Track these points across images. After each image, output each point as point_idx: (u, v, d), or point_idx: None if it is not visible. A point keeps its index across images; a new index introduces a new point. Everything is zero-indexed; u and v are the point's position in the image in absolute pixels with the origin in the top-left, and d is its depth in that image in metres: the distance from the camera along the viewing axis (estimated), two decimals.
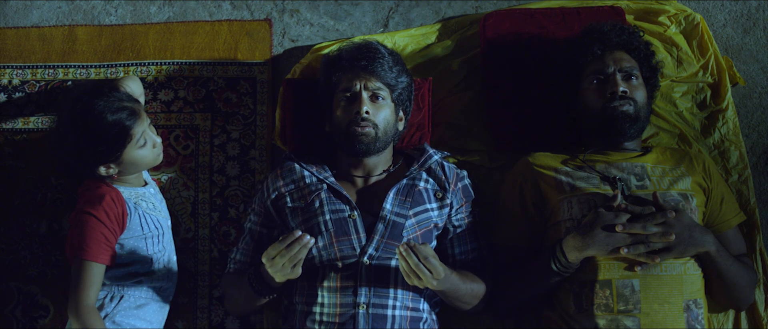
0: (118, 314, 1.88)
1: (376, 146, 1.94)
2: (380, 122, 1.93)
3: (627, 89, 1.93)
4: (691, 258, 1.80)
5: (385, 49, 1.99)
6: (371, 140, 1.92)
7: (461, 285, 1.83)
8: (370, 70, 1.94)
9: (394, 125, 2.00)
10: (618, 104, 1.92)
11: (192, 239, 2.18)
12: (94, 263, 1.83)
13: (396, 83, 1.97)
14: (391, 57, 1.98)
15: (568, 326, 1.82)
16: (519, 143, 2.16)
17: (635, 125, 1.94)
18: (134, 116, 1.89)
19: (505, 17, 2.24)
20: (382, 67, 1.94)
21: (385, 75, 1.95)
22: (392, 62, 1.97)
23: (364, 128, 1.91)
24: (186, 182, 2.21)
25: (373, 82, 1.94)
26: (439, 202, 1.95)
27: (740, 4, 2.31)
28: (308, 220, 1.90)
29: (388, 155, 2.04)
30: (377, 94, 1.94)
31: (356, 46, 1.99)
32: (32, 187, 2.22)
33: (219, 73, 2.28)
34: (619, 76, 1.94)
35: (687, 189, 1.89)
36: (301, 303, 1.88)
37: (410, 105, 2.07)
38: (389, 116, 1.96)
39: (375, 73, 1.94)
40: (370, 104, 1.93)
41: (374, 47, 1.97)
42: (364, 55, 1.95)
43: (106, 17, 2.36)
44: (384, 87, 1.95)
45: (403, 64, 2.03)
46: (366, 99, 1.92)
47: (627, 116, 1.92)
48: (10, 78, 2.30)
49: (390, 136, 1.98)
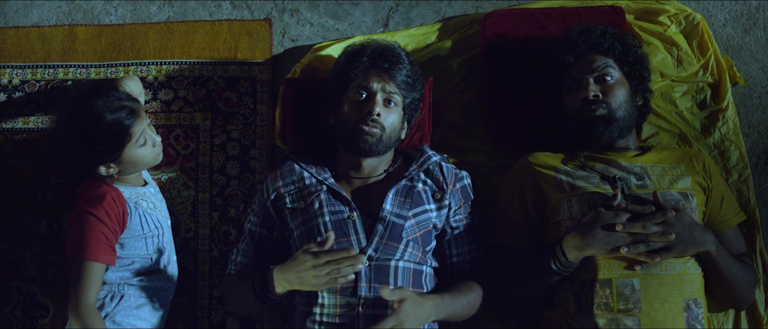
0: (118, 313, 1.88)
1: (378, 147, 1.95)
2: (387, 126, 1.94)
3: (600, 92, 1.96)
4: (691, 258, 1.80)
5: (408, 58, 2.01)
6: (375, 141, 1.93)
7: (457, 304, 1.85)
8: (390, 73, 1.95)
9: (399, 131, 2.01)
10: (591, 108, 1.95)
11: (192, 238, 2.18)
12: (94, 262, 1.83)
13: (410, 92, 1.99)
14: (412, 67, 2.00)
15: (568, 325, 1.82)
16: (519, 143, 2.16)
17: (611, 126, 1.95)
18: (133, 115, 1.89)
19: (505, 17, 2.24)
20: (402, 74, 1.96)
21: (403, 82, 1.96)
22: (411, 71, 1.99)
23: (372, 128, 1.92)
24: (186, 181, 2.21)
25: (390, 85, 1.95)
26: (437, 203, 1.95)
27: (740, 3, 2.31)
28: (307, 221, 1.90)
29: (388, 158, 2.04)
30: (391, 98, 1.95)
31: (381, 47, 1.99)
32: (32, 187, 2.22)
33: (219, 73, 2.28)
34: (591, 80, 1.97)
35: (687, 188, 1.89)
36: (301, 303, 1.87)
37: (416, 114, 2.08)
38: (396, 122, 1.97)
39: (394, 78, 1.95)
40: (383, 107, 1.94)
41: (398, 53, 1.99)
42: (388, 58, 1.96)
43: (106, 17, 2.36)
44: (398, 93, 1.96)
45: (420, 75, 2.04)
46: (380, 101, 1.93)
47: (600, 119, 1.94)
48: (10, 78, 2.30)
49: (393, 141, 1.98)
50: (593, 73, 1.98)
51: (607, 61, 2.00)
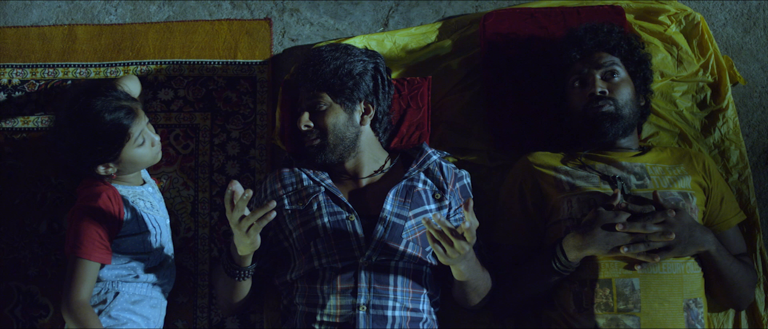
0: (113, 309, 1.88)
1: (332, 153, 1.95)
2: (328, 128, 1.94)
3: (606, 88, 1.95)
4: (691, 258, 1.80)
5: (330, 53, 1.96)
6: (319, 149, 1.95)
7: (479, 269, 1.82)
8: (311, 80, 1.95)
9: (348, 126, 1.97)
10: (598, 104, 1.94)
11: (192, 238, 2.18)
12: (88, 261, 1.83)
13: (337, 84, 1.94)
14: (334, 56, 1.95)
15: (569, 325, 1.82)
16: (519, 142, 2.16)
17: (617, 123, 1.94)
18: (132, 114, 1.89)
19: (504, 17, 2.24)
20: (318, 74, 1.94)
21: (323, 82, 1.94)
22: (334, 63, 1.94)
23: (312, 141, 1.94)
24: (186, 181, 2.21)
25: (313, 93, 1.95)
26: (438, 203, 1.94)
27: (740, 3, 2.30)
28: (306, 223, 1.90)
29: (371, 154, 2.02)
30: (315, 103, 1.95)
31: (305, 59, 2.00)
32: (32, 187, 2.22)
33: (219, 73, 2.28)
34: (597, 76, 1.96)
35: (687, 188, 1.88)
36: (301, 303, 1.87)
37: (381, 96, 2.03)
38: (337, 120, 1.95)
39: (315, 84, 1.94)
40: (309, 119, 1.95)
41: (316, 55, 1.97)
42: (308, 67, 1.96)
43: (105, 16, 2.36)
44: (324, 94, 1.95)
45: (350, 56, 1.97)
46: (306, 115, 1.95)
47: (607, 115, 1.93)
48: (9, 77, 2.30)
49: (349, 138, 1.96)
50: (600, 69, 1.98)
51: (613, 59, 2.00)
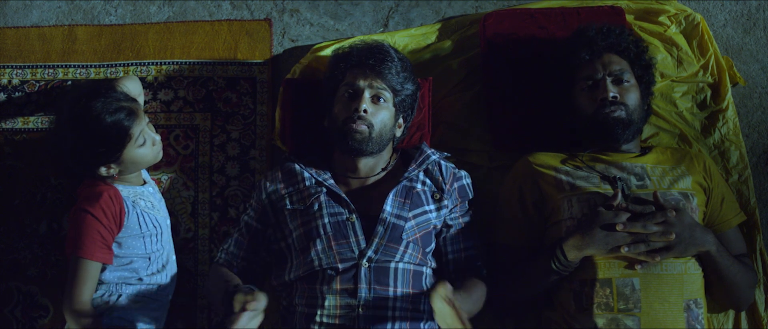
0: (115, 311, 1.88)
1: (368, 146, 1.94)
2: (377, 123, 1.93)
3: (618, 93, 1.93)
4: (691, 258, 1.80)
5: (396, 54, 2.00)
6: (364, 138, 1.92)
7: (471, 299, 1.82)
8: (377, 70, 1.94)
9: (391, 129, 1.99)
10: (609, 110, 1.92)
11: (192, 239, 2.18)
12: (90, 261, 1.83)
13: (401, 89, 1.98)
14: (401, 62, 1.99)
15: (569, 325, 1.82)
16: (519, 143, 2.15)
17: (629, 128, 1.93)
18: (132, 115, 1.89)
19: (504, 17, 2.24)
20: (389, 70, 1.95)
21: (392, 78, 1.95)
22: (400, 67, 1.98)
23: (359, 125, 1.91)
24: (186, 181, 2.21)
25: (378, 82, 1.94)
26: (437, 203, 1.94)
27: (740, 4, 2.31)
28: (307, 223, 1.90)
29: (386, 157, 2.04)
30: (379, 95, 1.95)
31: (367, 46, 2.00)
32: (32, 187, 2.22)
33: (219, 73, 2.28)
34: (609, 80, 1.94)
35: (687, 189, 1.88)
36: (301, 304, 1.87)
37: (412, 113, 2.07)
38: (387, 119, 1.96)
39: (381, 75, 1.95)
40: (371, 104, 1.93)
41: (385, 49, 1.99)
42: (374, 55, 1.96)
43: (105, 17, 2.36)
44: (388, 89, 1.96)
45: (411, 71, 2.03)
46: (367, 98, 1.93)
47: (619, 121, 1.92)
48: (9, 78, 2.30)
49: (385, 140, 1.98)
50: (611, 73, 1.96)
51: (623, 63, 1.98)
